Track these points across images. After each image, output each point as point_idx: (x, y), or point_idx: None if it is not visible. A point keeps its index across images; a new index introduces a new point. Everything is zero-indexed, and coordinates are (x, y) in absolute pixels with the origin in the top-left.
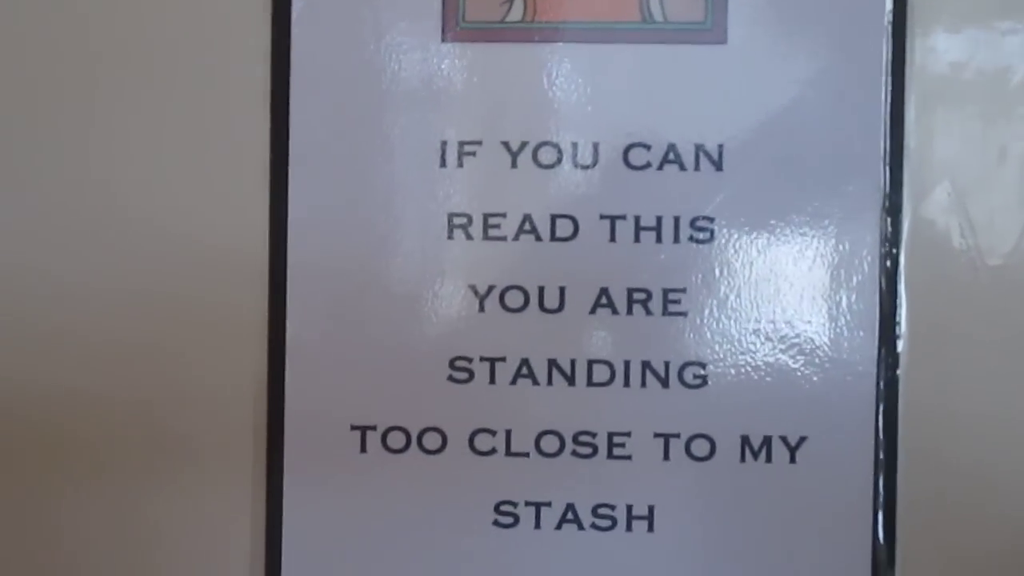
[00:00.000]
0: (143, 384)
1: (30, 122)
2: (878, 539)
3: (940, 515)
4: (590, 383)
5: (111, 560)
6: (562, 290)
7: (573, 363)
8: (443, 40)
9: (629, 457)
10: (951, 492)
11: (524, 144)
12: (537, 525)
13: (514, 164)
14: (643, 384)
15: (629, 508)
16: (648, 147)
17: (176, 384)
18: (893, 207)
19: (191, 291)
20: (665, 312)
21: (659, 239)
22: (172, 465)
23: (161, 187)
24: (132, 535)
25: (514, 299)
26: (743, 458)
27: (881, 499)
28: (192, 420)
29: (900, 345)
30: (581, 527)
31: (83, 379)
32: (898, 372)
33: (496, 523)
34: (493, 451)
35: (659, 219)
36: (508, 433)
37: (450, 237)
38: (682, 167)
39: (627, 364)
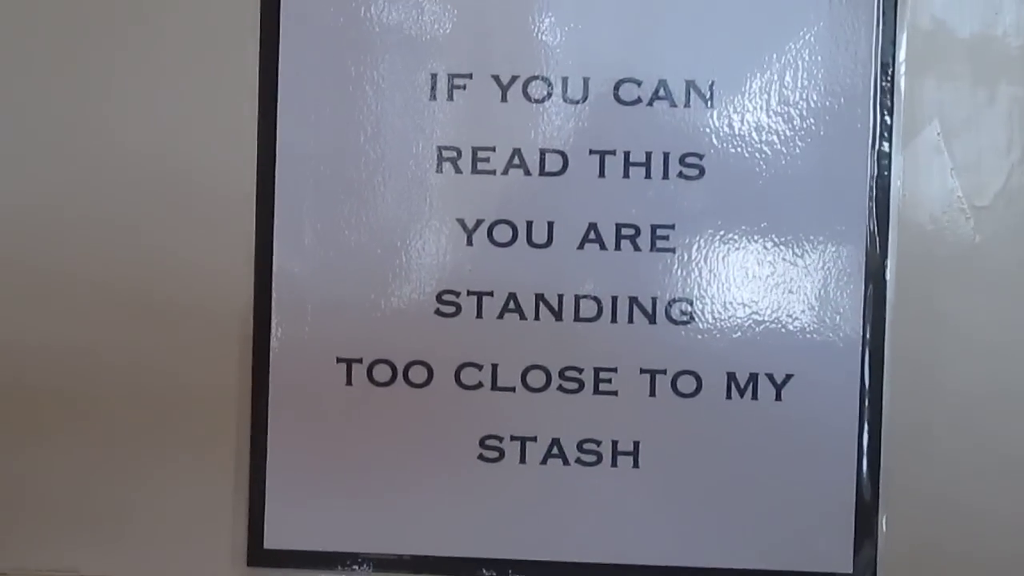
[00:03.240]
0: (128, 317)
1: (20, 56)
2: (862, 477)
3: (924, 453)
4: (577, 318)
5: (93, 499)
6: (550, 225)
7: (560, 298)
8: None
9: (615, 393)
10: (935, 430)
11: (514, 78)
12: (522, 460)
13: (504, 98)
14: (630, 320)
15: (615, 444)
16: (639, 83)
17: (162, 317)
18: (882, 146)
19: (179, 226)
20: (653, 248)
21: (648, 175)
22: (157, 400)
23: (150, 122)
24: (116, 468)
25: (502, 233)
26: (729, 395)
27: (866, 437)
28: (178, 352)
29: (887, 285)
30: (566, 462)
31: (66, 318)
32: (884, 311)
33: (481, 457)
34: (479, 385)
35: (648, 155)
36: (494, 367)
37: (439, 170)
38: (672, 103)
39: (614, 300)
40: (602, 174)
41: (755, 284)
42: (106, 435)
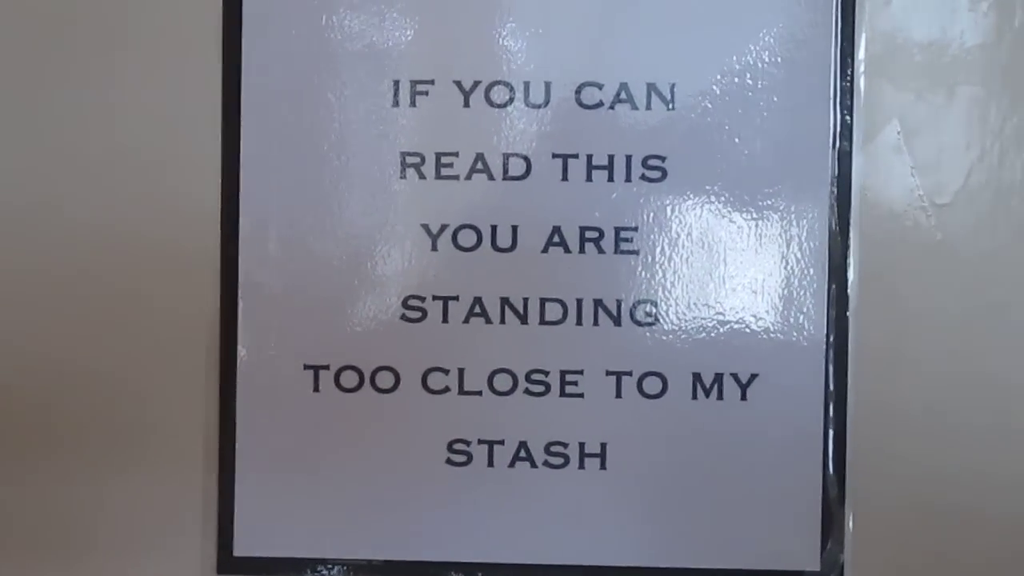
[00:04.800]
0: (94, 328)
1: None
2: (828, 475)
3: (890, 451)
4: (543, 321)
5: (60, 510)
6: (515, 229)
7: (526, 301)
8: None
9: (581, 395)
10: (900, 429)
11: (476, 83)
12: (490, 463)
13: (466, 103)
14: (595, 322)
15: (582, 446)
16: (600, 86)
17: (127, 328)
18: (843, 146)
19: (142, 234)
20: (617, 250)
21: (611, 178)
22: (125, 410)
23: (112, 136)
24: (83, 479)
25: (467, 238)
26: (695, 395)
27: (831, 436)
28: (145, 363)
29: (850, 284)
30: (534, 465)
31: (29, 331)
32: (848, 309)
33: (449, 461)
34: (446, 390)
35: (611, 158)
36: (461, 372)
37: (403, 176)
38: (634, 106)
39: (579, 302)
40: (565, 177)
41: (719, 285)
42: (73, 446)
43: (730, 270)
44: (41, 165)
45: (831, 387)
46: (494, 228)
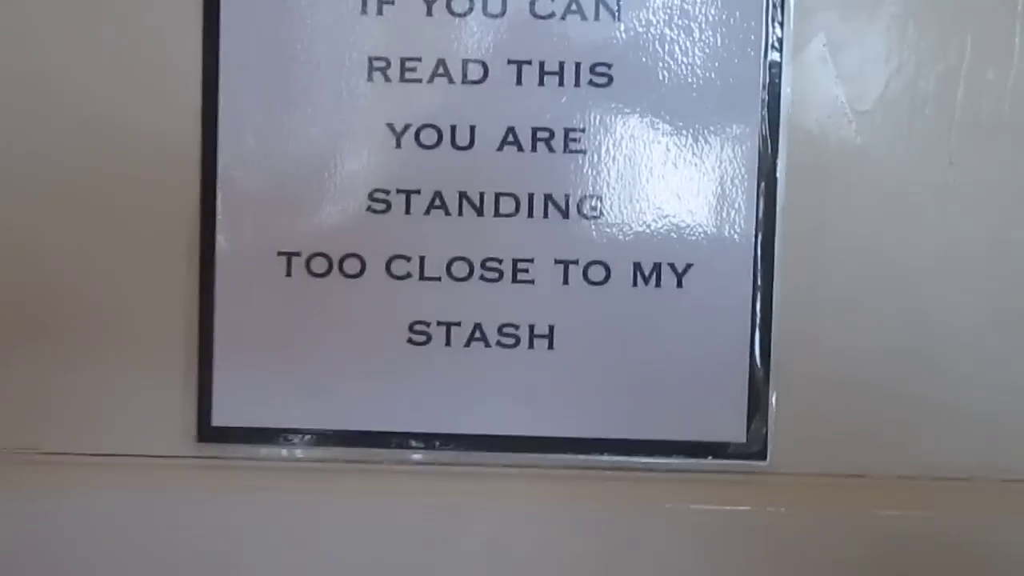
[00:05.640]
0: (80, 217)
1: None
2: (755, 358)
3: (811, 336)
4: (497, 214)
5: (54, 384)
6: (472, 128)
7: (482, 196)
8: None
9: (532, 281)
10: (821, 314)
11: None
12: (448, 343)
13: (429, 12)
14: (545, 215)
15: (531, 327)
16: None
17: (114, 218)
18: (773, 57)
19: (127, 130)
20: (566, 150)
21: (561, 83)
22: (114, 297)
23: (96, 30)
24: (76, 358)
25: (428, 137)
26: (635, 283)
27: (759, 320)
28: (130, 249)
29: (778, 183)
30: (488, 344)
31: (11, 219)
32: (776, 206)
33: (410, 341)
34: (408, 275)
35: (562, 64)
36: (422, 259)
37: (370, 79)
38: (583, 17)
39: (531, 196)
40: (519, 82)
41: (659, 182)
42: (61, 329)
43: (669, 169)
44: (21, 59)
45: (759, 276)
46: (453, 128)
